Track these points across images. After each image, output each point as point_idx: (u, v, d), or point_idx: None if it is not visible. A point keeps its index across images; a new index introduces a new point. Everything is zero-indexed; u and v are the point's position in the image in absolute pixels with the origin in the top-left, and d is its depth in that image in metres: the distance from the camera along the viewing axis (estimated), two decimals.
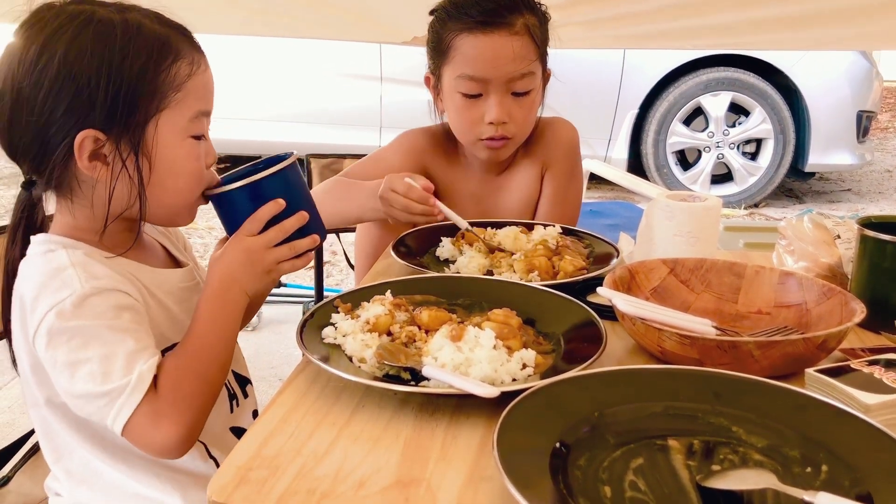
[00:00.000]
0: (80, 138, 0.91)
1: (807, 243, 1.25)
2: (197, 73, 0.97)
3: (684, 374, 0.85)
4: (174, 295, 1.05)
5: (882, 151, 7.11)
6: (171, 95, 0.94)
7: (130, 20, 0.94)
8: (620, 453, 0.74)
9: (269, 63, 4.92)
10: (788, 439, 0.75)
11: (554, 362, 0.92)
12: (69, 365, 0.88)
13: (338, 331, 0.97)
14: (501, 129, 1.46)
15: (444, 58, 1.48)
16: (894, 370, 0.84)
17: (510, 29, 1.42)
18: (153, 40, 0.94)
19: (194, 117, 0.97)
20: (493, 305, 1.02)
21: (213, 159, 1.03)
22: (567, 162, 1.60)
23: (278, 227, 1.01)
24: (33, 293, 0.91)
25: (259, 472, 0.72)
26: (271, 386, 2.54)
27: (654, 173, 5.03)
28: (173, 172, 0.97)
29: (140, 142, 0.93)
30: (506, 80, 1.43)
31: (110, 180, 0.94)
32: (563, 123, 1.63)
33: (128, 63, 0.91)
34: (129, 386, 0.87)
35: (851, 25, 2.11)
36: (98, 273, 0.93)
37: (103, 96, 0.90)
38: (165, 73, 0.94)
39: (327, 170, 2.10)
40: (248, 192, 1.00)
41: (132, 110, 0.92)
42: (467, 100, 1.46)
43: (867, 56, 4.91)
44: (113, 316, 0.90)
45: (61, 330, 0.88)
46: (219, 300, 0.99)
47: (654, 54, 4.86)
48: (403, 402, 0.86)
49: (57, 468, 1.01)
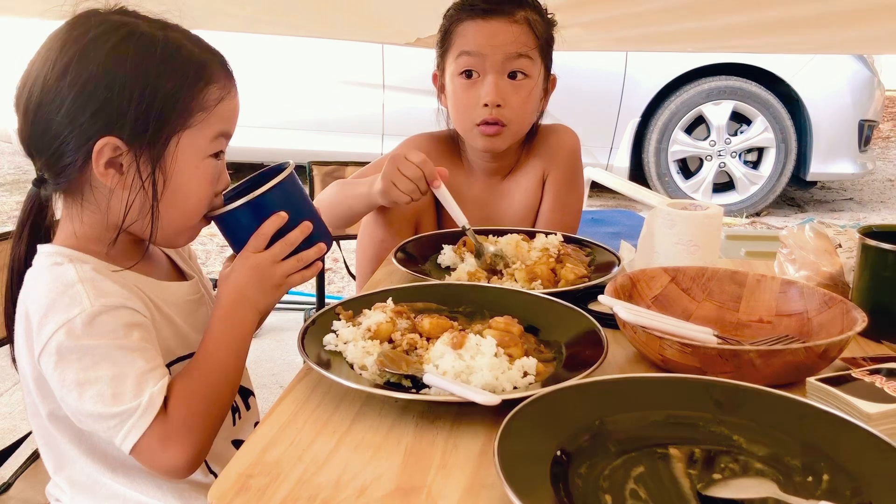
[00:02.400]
0: (101, 144, 0.91)
1: (808, 252, 1.25)
2: (226, 99, 0.98)
3: (685, 382, 0.85)
4: (180, 308, 1.05)
5: (884, 160, 7.10)
6: (197, 115, 0.95)
7: (172, 39, 0.95)
8: (621, 462, 0.74)
9: (272, 70, 4.93)
10: (790, 448, 0.75)
11: (555, 370, 0.92)
12: (78, 384, 0.88)
13: (339, 338, 0.97)
14: (496, 112, 1.48)
15: (448, 45, 1.53)
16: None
17: (510, 17, 1.48)
18: (190, 62, 0.95)
19: (215, 137, 0.98)
20: (494, 313, 1.02)
21: (225, 185, 1.03)
22: (568, 168, 1.61)
23: (283, 240, 1.02)
24: (41, 310, 0.90)
25: (260, 479, 0.72)
26: (272, 393, 2.54)
27: (655, 182, 5.03)
28: (185, 191, 0.97)
29: (160, 157, 0.94)
30: (501, 59, 1.47)
31: (124, 191, 0.94)
32: (564, 130, 1.64)
33: (163, 80, 0.92)
34: (139, 408, 0.88)
35: (854, 29, 2.11)
36: (107, 290, 0.92)
37: (134, 108, 0.91)
38: (198, 94, 0.95)
39: (329, 177, 2.10)
40: (250, 208, 1.01)
41: (159, 126, 0.93)
42: (465, 82, 1.50)
43: (869, 65, 4.91)
44: (123, 335, 0.90)
45: (71, 349, 0.88)
46: (229, 320, 1.00)
47: (655, 63, 4.87)
48: (404, 410, 0.86)
49: (59, 477, 1.01)
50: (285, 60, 4.90)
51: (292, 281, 1.03)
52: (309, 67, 4.95)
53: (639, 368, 0.99)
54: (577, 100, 4.44)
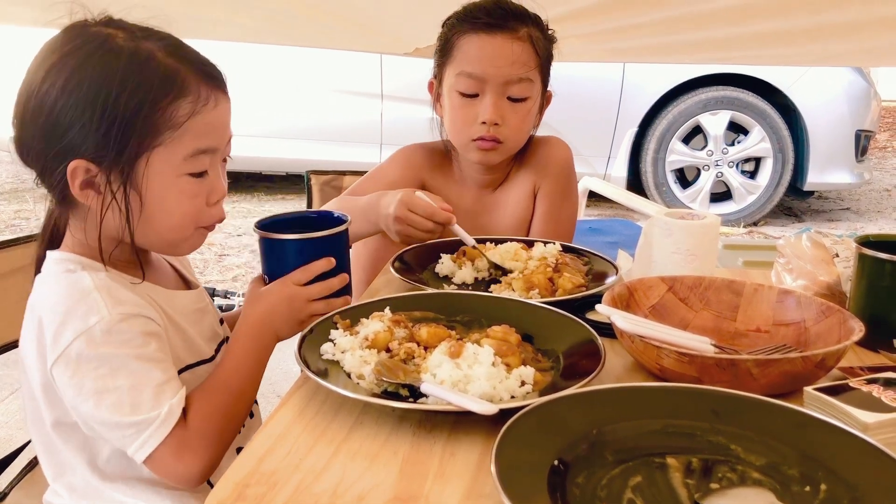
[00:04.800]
0: (73, 166, 0.91)
1: (805, 262, 1.25)
2: (201, 112, 0.94)
3: (683, 391, 0.85)
4: (188, 317, 1.05)
5: (881, 170, 7.12)
6: (166, 133, 0.93)
7: (142, 51, 0.92)
8: (619, 471, 0.74)
9: (271, 79, 4.95)
10: (787, 457, 0.75)
11: (553, 380, 0.92)
12: (96, 392, 0.89)
13: (336, 347, 0.97)
14: (494, 130, 1.48)
15: (448, 57, 1.52)
16: (893, 389, 0.84)
17: (513, 34, 1.46)
18: (156, 76, 0.92)
19: (191, 156, 0.95)
20: (492, 322, 1.02)
21: (220, 196, 1.02)
22: (560, 181, 1.62)
23: (325, 284, 1.06)
24: (58, 318, 0.90)
25: (257, 489, 0.72)
26: (269, 402, 2.53)
27: (653, 191, 5.04)
28: (164, 209, 0.96)
29: (130, 176, 0.93)
30: (502, 81, 1.46)
31: (105, 210, 0.93)
32: (556, 143, 1.65)
33: (124, 98, 0.90)
34: (158, 419, 0.89)
35: (851, 41, 2.12)
36: (123, 298, 0.93)
37: (96, 128, 0.90)
38: (163, 110, 0.92)
39: (327, 186, 2.10)
40: (308, 245, 1.06)
41: (123, 145, 0.91)
42: (464, 99, 1.49)
43: (865, 76, 4.93)
44: (140, 343, 0.91)
45: (90, 357, 0.89)
46: (254, 340, 1.02)
47: (653, 73, 4.89)
48: (401, 419, 0.85)
49: (58, 484, 1.01)
50: (284, 70, 4.92)
51: (311, 322, 1.03)
52: (307, 77, 4.97)
53: (636, 378, 0.99)
54: (575, 109, 4.45)
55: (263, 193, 5.74)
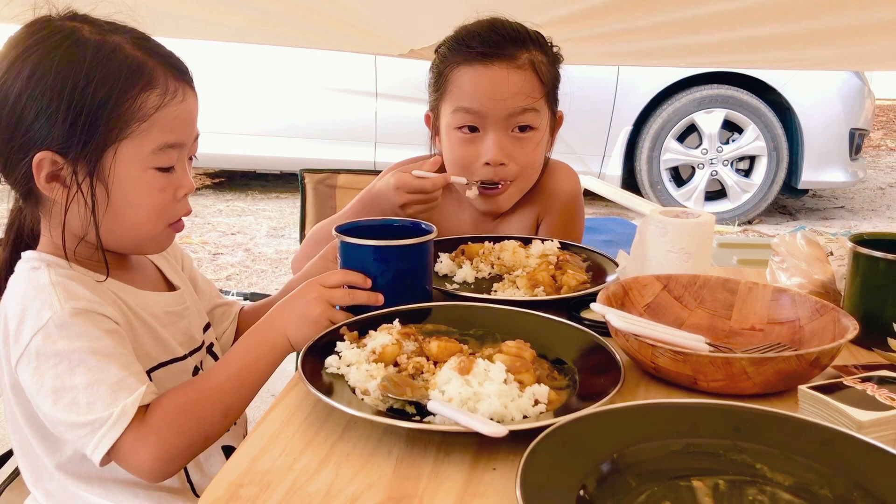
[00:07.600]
0: (38, 158, 0.90)
1: (800, 260, 1.26)
2: (169, 105, 0.94)
3: (702, 408, 0.81)
4: (158, 318, 1.04)
5: (874, 169, 7.14)
6: (133, 125, 0.92)
7: (108, 43, 0.92)
8: (645, 497, 0.70)
9: (265, 77, 4.94)
10: (817, 476, 0.72)
11: (567, 399, 0.87)
12: (54, 391, 0.88)
13: (342, 360, 0.92)
14: (499, 171, 1.37)
15: (443, 92, 1.40)
16: (887, 387, 0.84)
17: (512, 62, 1.34)
18: (123, 67, 0.91)
19: (159, 149, 0.95)
20: (506, 336, 0.97)
21: (187, 191, 1.00)
22: (564, 215, 1.51)
23: (351, 293, 1.03)
24: (17, 316, 0.90)
25: (250, 489, 0.72)
26: (263, 401, 2.52)
27: (647, 190, 5.05)
28: (131, 203, 0.95)
29: (96, 168, 0.92)
30: (504, 115, 1.35)
31: (71, 203, 0.92)
32: (564, 172, 1.53)
33: (91, 88, 0.89)
34: (110, 419, 0.86)
35: (844, 46, 2.12)
36: (77, 293, 0.91)
37: (62, 119, 0.89)
38: (130, 101, 0.91)
39: (322, 184, 2.09)
40: (372, 252, 1.06)
41: (90, 136, 0.90)
42: (464, 136, 1.38)
43: (860, 75, 4.94)
44: (97, 337, 0.89)
45: (49, 353, 0.88)
46: (253, 336, 0.98)
47: (647, 72, 4.90)
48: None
49: (36, 489, 1.00)
50: (278, 68, 4.90)
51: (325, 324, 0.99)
52: (302, 75, 4.96)
53: (631, 376, 0.98)
54: (570, 108, 4.43)
55: (258, 192, 5.73)
